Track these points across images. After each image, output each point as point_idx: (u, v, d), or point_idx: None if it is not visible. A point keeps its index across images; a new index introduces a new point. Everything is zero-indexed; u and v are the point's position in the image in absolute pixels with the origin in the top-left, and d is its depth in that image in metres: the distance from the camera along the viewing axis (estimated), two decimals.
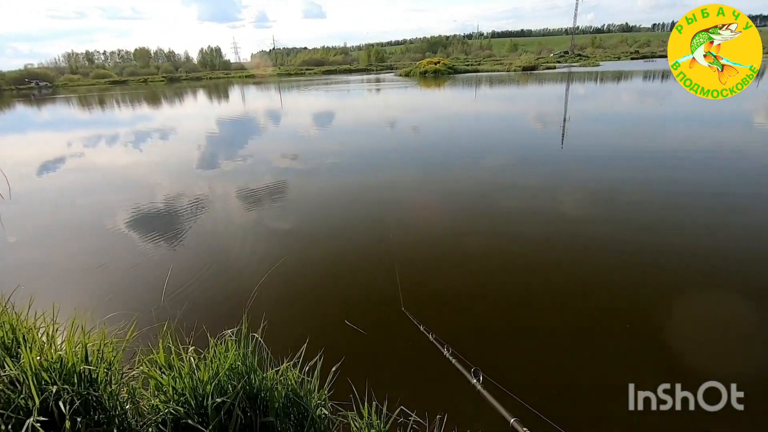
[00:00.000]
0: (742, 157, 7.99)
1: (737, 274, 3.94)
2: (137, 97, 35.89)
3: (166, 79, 69.20)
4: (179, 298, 3.61)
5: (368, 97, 27.27)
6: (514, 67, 46.37)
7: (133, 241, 5.26)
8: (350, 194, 6.94)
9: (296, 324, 3.35)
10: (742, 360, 2.86)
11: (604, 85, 25.81)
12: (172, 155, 11.13)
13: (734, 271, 3.98)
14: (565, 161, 8.31)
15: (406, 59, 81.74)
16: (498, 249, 4.64)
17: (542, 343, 3.11)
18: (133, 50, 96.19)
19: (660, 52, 64.83)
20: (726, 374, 2.43)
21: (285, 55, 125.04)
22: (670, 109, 15.13)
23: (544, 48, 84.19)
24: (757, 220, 5.07)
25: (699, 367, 2.74)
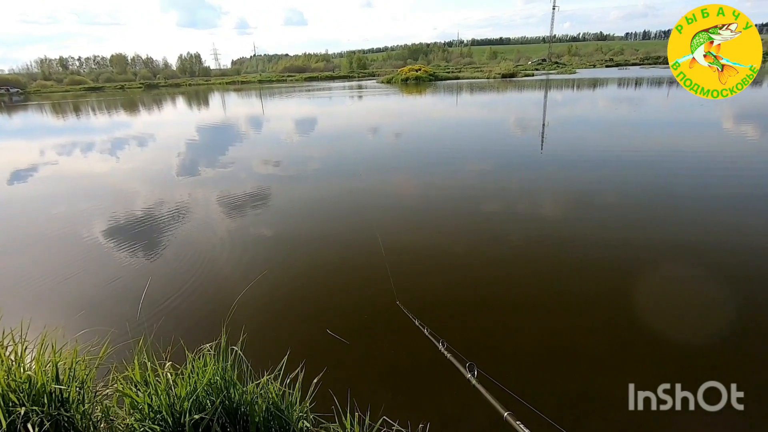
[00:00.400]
0: (713, 158, 8.27)
1: (723, 267, 4.06)
2: (114, 104, 35.12)
3: (144, 86, 67.99)
4: (156, 312, 3.52)
5: (351, 103, 27.31)
6: (494, 75, 47.17)
7: (109, 252, 5.12)
8: (333, 202, 6.91)
9: (277, 335, 3.30)
10: (742, 360, 2.92)
11: (580, 92, 26.48)
12: (150, 163, 10.90)
13: (719, 265, 4.10)
14: (544, 166, 8.47)
15: (387, 66, 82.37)
16: (485, 254, 4.68)
17: (539, 344, 3.13)
18: (110, 56, 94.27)
19: (633, 60, 66.98)
20: (726, 374, 2.47)
21: (266, 61, 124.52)
22: (643, 115, 15.60)
23: (523, 56, 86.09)
24: (739, 215, 5.26)
25: (698, 367, 2.79)
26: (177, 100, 38.05)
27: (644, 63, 62.89)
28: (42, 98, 49.62)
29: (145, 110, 29.21)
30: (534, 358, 3.00)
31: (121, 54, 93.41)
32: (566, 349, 3.09)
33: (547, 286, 3.98)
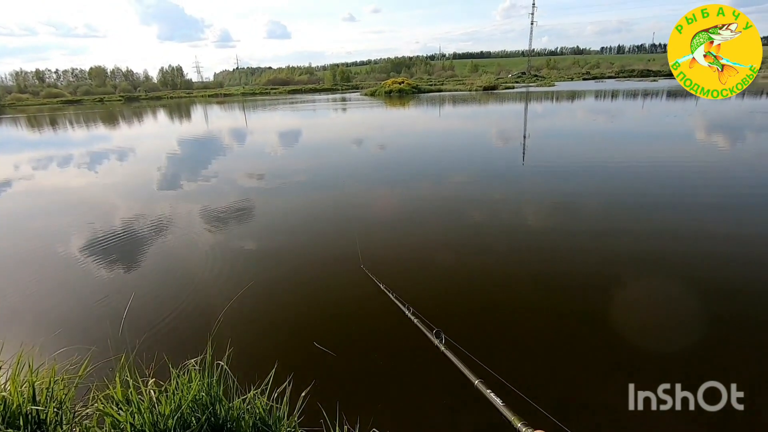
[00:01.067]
0: (687, 168, 8.55)
1: (711, 271, 4.17)
2: (92, 117, 34.46)
3: (124, 99, 66.98)
4: (139, 329, 3.43)
5: (335, 116, 27.43)
6: (476, 87, 48.06)
7: (89, 268, 4.98)
8: (317, 214, 6.89)
9: (264, 349, 3.25)
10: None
11: (560, 104, 27.16)
12: (130, 177, 10.70)
13: (706, 268, 4.21)
14: (526, 176, 8.63)
15: (371, 79, 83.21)
16: (469, 264, 4.71)
17: (541, 350, 3.15)
18: (89, 69, 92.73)
19: (608, 73, 69.16)
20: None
21: (249, 74, 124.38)
22: (620, 126, 16.08)
23: (503, 69, 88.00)
24: (715, 220, 5.44)
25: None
26: (158, 113, 37.59)
27: (619, 76, 64.96)
28: (17, 111, 48.39)
29: (125, 123, 28.74)
30: (542, 373, 3.01)
31: (100, 66, 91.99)
32: (565, 355, 3.12)
33: (541, 288, 4.02)
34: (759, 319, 3.45)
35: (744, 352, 3.07)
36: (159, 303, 4.03)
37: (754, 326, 3.37)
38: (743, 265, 4.39)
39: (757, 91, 27.85)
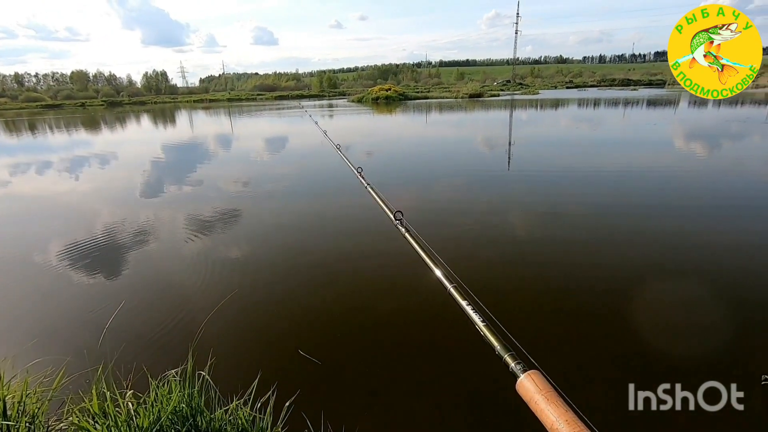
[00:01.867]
0: (669, 174, 8.77)
1: (713, 269, 4.25)
2: (73, 122, 33.77)
3: (106, 103, 65.83)
4: (118, 338, 3.33)
5: (322, 122, 27.41)
6: (462, 95, 48.56)
7: (67, 276, 4.83)
8: (303, 220, 6.85)
9: (248, 358, 3.19)
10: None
11: (544, 112, 27.62)
12: (112, 183, 10.49)
13: (709, 267, 4.30)
14: (512, 182, 8.73)
15: (358, 86, 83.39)
16: (456, 271, 4.71)
17: None
18: (70, 73, 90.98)
19: (590, 82, 70.73)
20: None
21: (236, 80, 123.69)
22: (603, 134, 16.43)
23: (489, 77, 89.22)
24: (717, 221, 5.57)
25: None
26: (141, 118, 37.03)
27: (601, 85, 66.44)
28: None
29: (107, 128, 28.23)
30: None
31: (82, 71, 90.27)
32: None
33: (536, 291, 4.04)
34: (759, 318, 3.53)
35: (744, 352, 3.12)
36: (140, 312, 3.93)
37: (754, 326, 3.44)
38: (740, 265, 4.49)
39: (733, 101, 28.76)
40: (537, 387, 0.70)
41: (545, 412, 0.66)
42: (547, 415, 0.66)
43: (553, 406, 0.66)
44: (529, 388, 0.71)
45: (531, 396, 0.70)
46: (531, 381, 0.71)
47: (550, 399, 0.67)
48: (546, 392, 0.68)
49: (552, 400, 0.67)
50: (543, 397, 0.67)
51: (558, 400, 0.67)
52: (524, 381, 0.73)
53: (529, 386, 0.71)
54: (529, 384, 0.71)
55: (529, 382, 0.71)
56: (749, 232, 5.52)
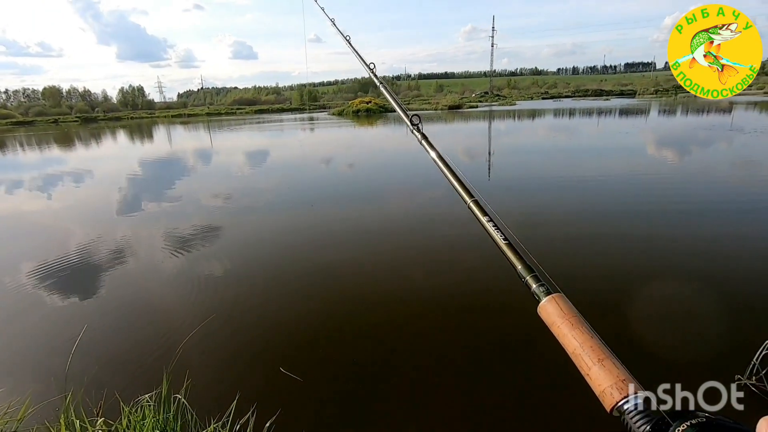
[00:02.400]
0: (644, 180, 9.03)
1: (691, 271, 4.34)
2: (46, 139, 32.83)
3: (80, 119, 64.33)
4: (88, 364, 3.19)
5: (303, 135, 27.37)
6: (441, 106, 49.29)
7: (36, 299, 4.63)
8: (284, 235, 6.77)
9: (226, 379, 3.09)
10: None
11: (521, 122, 28.25)
12: (87, 201, 10.19)
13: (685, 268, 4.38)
14: (493, 191, 8.84)
15: (338, 99, 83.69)
16: (440, 284, 4.72)
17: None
18: (42, 89, 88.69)
19: (565, 92, 72.79)
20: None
21: (215, 94, 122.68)
22: (579, 142, 16.87)
23: (467, 89, 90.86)
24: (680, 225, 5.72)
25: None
26: (117, 134, 36.29)
27: (575, 95, 68.43)
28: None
29: (82, 145, 27.54)
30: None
31: (55, 87, 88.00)
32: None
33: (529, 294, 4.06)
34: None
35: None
36: (112, 335, 3.79)
37: (754, 326, 3.52)
38: (733, 268, 4.62)
39: (699, 109, 29.99)
40: (561, 311, 0.67)
41: (568, 337, 0.63)
42: (570, 339, 0.63)
43: (578, 331, 0.63)
44: (552, 311, 0.68)
45: (553, 320, 0.67)
46: (554, 304, 0.68)
47: (574, 323, 0.64)
48: (570, 316, 0.66)
49: (576, 324, 0.64)
50: (567, 321, 0.65)
51: (582, 325, 0.64)
52: (546, 304, 0.70)
53: (552, 310, 0.68)
54: (552, 307, 0.68)
55: (552, 306, 0.68)
56: (731, 235, 5.71)
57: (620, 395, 0.53)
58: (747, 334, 3.38)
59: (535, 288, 0.74)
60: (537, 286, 0.74)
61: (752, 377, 2.79)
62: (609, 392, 0.54)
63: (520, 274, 0.80)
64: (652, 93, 58.63)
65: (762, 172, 9.82)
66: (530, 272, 0.78)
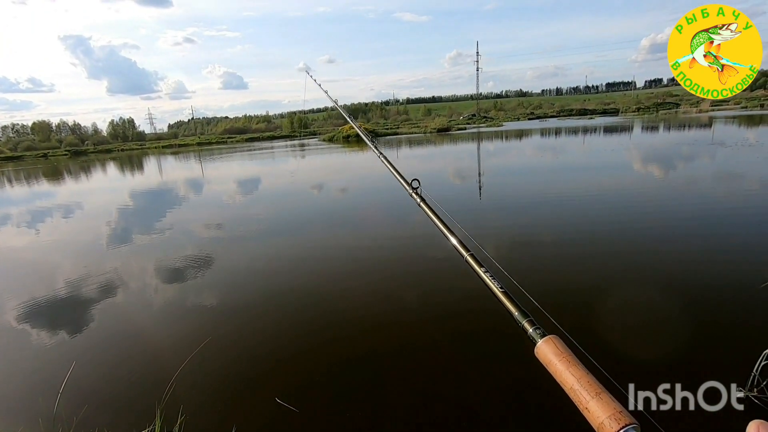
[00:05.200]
0: (629, 196, 9.17)
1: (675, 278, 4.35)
2: (34, 173, 32.65)
3: (70, 153, 64.19)
4: (77, 402, 3.08)
5: (294, 162, 27.54)
6: (430, 129, 50.08)
7: (23, 337, 4.50)
8: (277, 262, 6.71)
9: (221, 411, 3.00)
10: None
11: (509, 143, 28.76)
12: (76, 234, 10.07)
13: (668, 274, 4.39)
14: (485, 212, 8.91)
15: (328, 125, 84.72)
16: (438, 304, 4.69)
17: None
18: (31, 124, 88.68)
19: (550, 113, 74.58)
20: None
21: (205, 124, 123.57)
22: (566, 161, 17.17)
23: (455, 112, 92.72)
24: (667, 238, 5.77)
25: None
26: (108, 166, 36.23)
27: (560, 115, 70.10)
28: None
29: (72, 178, 27.40)
30: None
31: (44, 121, 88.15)
32: None
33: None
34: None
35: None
36: (103, 371, 3.68)
37: (754, 326, 3.52)
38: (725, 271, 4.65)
39: (681, 125, 30.84)
40: (557, 350, 0.70)
41: (565, 374, 0.66)
42: (567, 376, 0.65)
43: (574, 368, 0.66)
44: (548, 351, 0.70)
45: (550, 359, 0.70)
46: (550, 344, 0.71)
47: (570, 362, 0.67)
48: (566, 355, 0.68)
49: (572, 362, 0.67)
50: (563, 360, 0.67)
51: (578, 363, 0.67)
52: (543, 345, 0.73)
53: (548, 350, 0.70)
54: (547, 348, 0.71)
55: (548, 346, 0.71)
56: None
57: (618, 425, 0.56)
58: (746, 344, 3.39)
59: (532, 332, 0.78)
60: (533, 330, 0.78)
61: (753, 389, 2.77)
62: (608, 423, 0.58)
63: (517, 320, 0.83)
64: (634, 111, 60.34)
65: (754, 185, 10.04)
66: (526, 317, 0.82)
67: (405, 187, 1.53)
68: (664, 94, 76.70)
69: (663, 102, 65.23)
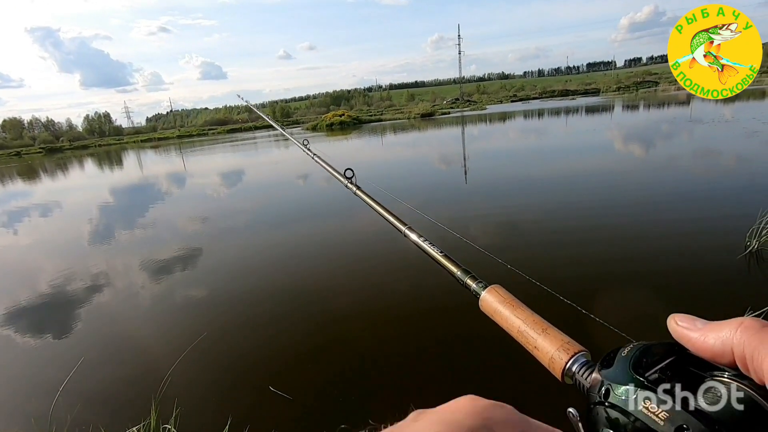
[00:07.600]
0: (614, 175, 9.35)
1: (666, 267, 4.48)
2: (8, 172, 31.64)
3: (44, 151, 62.26)
4: (71, 401, 3.07)
5: (277, 152, 27.22)
6: (414, 115, 49.89)
7: (10, 340, 4.43)
8: (266, 252, 6.69)
9: (216, 403, 3.02)
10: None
11: (493, 126, 28.86)
12: (57, 233, 9.85)
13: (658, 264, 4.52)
14: (471, 195, 8.99)
15: (311, 114, 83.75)
16: (426, 294, 4.74)
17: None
18: (1, 121, 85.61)
19: (532, 94, 74.91)
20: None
21: (185, 116, 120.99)
22: (549, 142, 17.34)
23: (438, 96, 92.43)
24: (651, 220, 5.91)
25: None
26: (85, 163, 35.30)
27: (542, 96, 70.50)
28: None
29: (48, 176, 26.63)
30: None
31: (15, 118, 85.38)
32: None
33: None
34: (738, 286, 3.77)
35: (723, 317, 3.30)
36: (96, 370, 3.66)
37: (734, 292, 3.66)
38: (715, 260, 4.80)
39: (660, 103, 31.33)
40: (501, 297, 0.67)
41: (511, 318, 0.63)
42: (513, 320, 0.62)
43: (519, 311, 0.62)
44: (492, 300, 0.67)
45: (495, 308, 0.66)
46: (494, 293, 0.68)
47: (514, 305, 0.64)
48: (510, 300, 0.65)
49: (516, 306, 0.64)
50: (508, 305, 0.64)
51: (522, 306, 0.64)
52: (486, 296, 0.69)
53: (492, 299, 0.67)
54: (491, 297, 0.68)
55: (491, 296, 0.68)
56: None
57: (567, 356, 0.53)
58: (723, 310, 3.53)
59: (474, 287, 0.74)
60: (476, 284, 0.74)
61: None
62: (557, 356, 0.54)
63: (459, 279, 0.80)
64: (615, 90, 60.99)
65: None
66: (468, 274, 0.79)
67: (340, 179, 1.53)
68: (643, 73, 77.69)
69: (643, 81, 66.07)
